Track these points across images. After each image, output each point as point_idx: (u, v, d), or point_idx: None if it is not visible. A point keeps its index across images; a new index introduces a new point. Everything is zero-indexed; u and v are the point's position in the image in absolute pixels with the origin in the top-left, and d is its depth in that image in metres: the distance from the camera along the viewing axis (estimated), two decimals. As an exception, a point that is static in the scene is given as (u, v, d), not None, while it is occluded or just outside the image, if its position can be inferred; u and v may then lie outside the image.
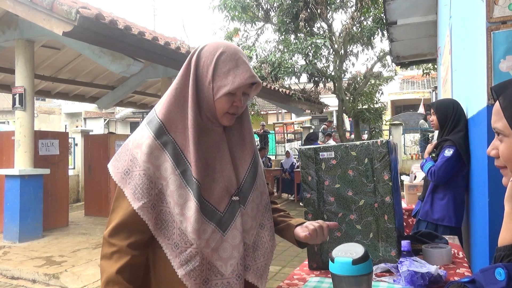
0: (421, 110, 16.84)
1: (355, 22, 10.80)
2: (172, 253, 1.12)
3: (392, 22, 5.77)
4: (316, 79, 11.07)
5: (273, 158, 14.94)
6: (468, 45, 2.41)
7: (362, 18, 10.88)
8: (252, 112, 13.55)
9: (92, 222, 7.45)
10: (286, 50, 10.61)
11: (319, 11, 10.38)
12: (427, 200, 2.81)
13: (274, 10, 11.35)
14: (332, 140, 11.60)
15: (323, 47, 10.11)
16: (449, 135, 2.72)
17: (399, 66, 9.29)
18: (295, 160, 11.12)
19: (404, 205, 3.74)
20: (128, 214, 1.12)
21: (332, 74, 10.94)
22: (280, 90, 10.72)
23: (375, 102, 11.93)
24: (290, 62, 10.24)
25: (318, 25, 11.27)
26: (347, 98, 11.56)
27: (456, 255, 1.77)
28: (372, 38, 10.76)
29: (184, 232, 1.12)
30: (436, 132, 3.73)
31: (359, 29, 10.91)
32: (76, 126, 21.07)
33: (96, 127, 21.04)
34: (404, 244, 1.54)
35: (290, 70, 10.14)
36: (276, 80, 10.60)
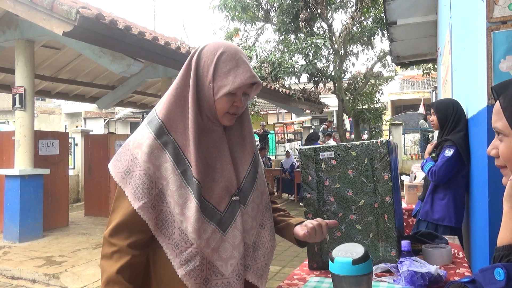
0: (421, 110, 16.84)
1: (355, 22, 10.80)
2: (172, 253, 1.13)
3: (392, 22, 5.76)
4: (316, 79, 11.08)
5: (273, 158, 14.94)
6: (468, 45, 2.41)
7: (362, 18, 10.88)
8: (252, 112, 13.55)
9: (92, 222, 7.45)
10: (286, 50, 10.61)
11: (319, 11, 10.39)
12: (427, 200, 2.81)
13: (274, 10, 11.36)
14: (332, 140, 11.60)
15: (323, 47, 10.11)
16: (449, 135, 2.72)
17: (399, 66, 9.29)
18: (295, 160, 11.12)
19: (404, 205, 3.74)
20: (128, 214, 1.12)
21: (332, 74, 10.94)
22: (280, 90, 10.72)
23: (375, 102, 11.93)
24: (290, 62, 10.24)
25: (318, 25, 11.28)
26: (347, 98, 11.56)
27: (456, 255, 1.77)
28: (372, 38, 10.76)
29: (185, 232, 1.12)
30: (436, 132, 3.73)
31: (359, 29, 10.91)
32: (76, 126, 21.07)
33: (96, 127, 21.04)
34: (404, 244, 1.54)
35: (290, 70, 10.14)
36: (276, 80, 10.60)
